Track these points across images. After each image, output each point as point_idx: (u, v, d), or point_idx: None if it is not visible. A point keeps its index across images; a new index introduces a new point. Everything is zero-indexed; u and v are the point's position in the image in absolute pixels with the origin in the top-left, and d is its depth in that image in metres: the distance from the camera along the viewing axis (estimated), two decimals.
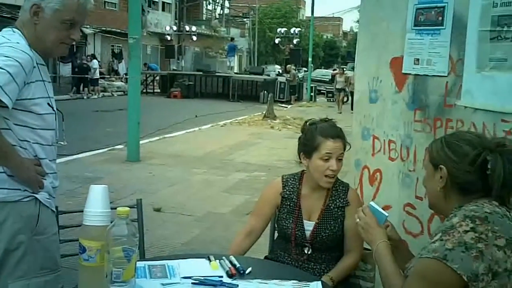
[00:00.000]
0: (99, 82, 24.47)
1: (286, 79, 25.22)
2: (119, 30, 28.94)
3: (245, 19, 50.66)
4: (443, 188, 1.77)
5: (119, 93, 24.09)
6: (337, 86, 22.13)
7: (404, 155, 3.03)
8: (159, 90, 26.69)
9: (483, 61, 2.58)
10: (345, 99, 22.36)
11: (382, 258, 1.86)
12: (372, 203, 2.07)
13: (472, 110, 2.64)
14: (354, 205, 2.50)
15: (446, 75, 2.79)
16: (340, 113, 19.02)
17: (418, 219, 2.95)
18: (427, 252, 1.62)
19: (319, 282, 2.00)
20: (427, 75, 2.89)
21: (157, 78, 27.74)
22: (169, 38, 33.79)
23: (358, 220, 2.01)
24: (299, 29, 39.06)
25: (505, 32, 2.45)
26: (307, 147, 2.46)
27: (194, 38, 35.57)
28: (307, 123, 2.56)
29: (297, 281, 1.99)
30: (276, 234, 2.69)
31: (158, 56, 36.19)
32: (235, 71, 34.49)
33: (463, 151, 1.72)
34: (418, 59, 2.94)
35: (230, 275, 2.01)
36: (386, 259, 1.84)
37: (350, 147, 2.54)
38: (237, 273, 2.03)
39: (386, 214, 2.01)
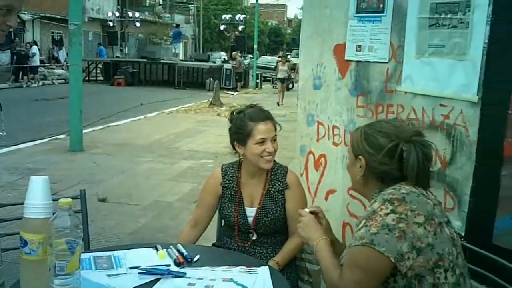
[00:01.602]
0: (39, 70, 23.65)
1: (232, 66, 25.15)
2: (59, 16, 27.98)
3: (189, 5, 50.05)
4: (363, 176, 1.87)
5: (60, 81, 23.38)
6: (279, 76, 19.52)
7: (347, 140, 3.09)
8: (102, 78, 26.06)
9: (422, 47, 2.65)
10: (290, 85, 21.86)
11: (321, 253, 1.90)
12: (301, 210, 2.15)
13: (412, 95, 2.72)
14: (294, 187, 2.54)
15: (387, 61, 2.86)
16: (282, 104, 17.84)
17: (361, 202, 3.02)
18: (355, 240, 1.69)
19: (267, 267, 2.02)
20: (369, 62, 2.95)
21: (100, 65, 27.05)
22: (111, 24, 33.01)
23: (298, 225, 2.06)
24: (244, 16, 38.99)
25: (442, 19, 2.53)
26: (240, 135, 2.46)
27: (138, 24, 34.92)
28: (234, 113, 2.56)
29: (244, 266, 2.01)
30: (223, 222, 2.70)
31: (101, 43, 35.30)
32: (181, 58, 34.09)
33: (379, 143, 1.81)
34: (360, 46, 2.99)
35: (177, 264, 2.01)
36: (325, 254, 1.88)
37: (281, 128, 2.55)
38: (185, 261, 2.03)
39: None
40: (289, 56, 22.68)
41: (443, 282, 1.63)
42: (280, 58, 21.41)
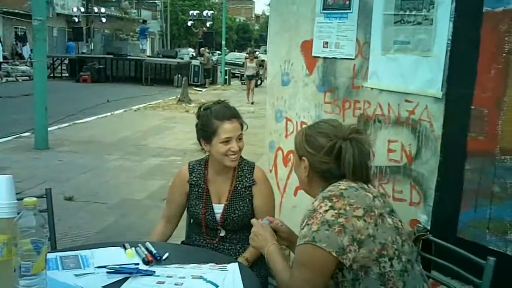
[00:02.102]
0: (2, 66, 23.10)
1: (200, 63, 25.04)
2: (22, 12, 27.38)
3: (156, 1, 49.58)
4: (307, 177, 1.92)
5: (24, 77, 22.87)
6: (247, 73, 18.48)
7: None
8: (67, 75, 25.61)
9: (387, 44, 2.69)
10: (259, 82, 21.30)
11: (272, 258, 1.94)
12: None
13: (378, 91, 2.75)
14: (261, 183, 2.54)
15: (353, 57, 2.89)
16: (252, 103, 16.85)
17: None
18: (298, 239, 1.73)
19: (236, 264, 2.02)
20: (335, 58, 2.98)
21: (65, 61, 26.57)
22: (76, 20, 32.46)
23: (250, 236, 2.09)
24: (211, 12, 38.84)
25: (407, 16, 2.57)
26: (205, 133, 2.45)
27: (104, 20, 34.45)
28: (201, 109, 2.54)
29: (214, 263, 2.00)
30: (191, 220, 2.69)
31: (66, 39, 34.66)
32: (148, 54, 33.76)
33: (319, 144, 1.86)
34: (327, 42, 3.02)
35: (146, 262, 1.99)
36: (275, 259, 1.92)
37: (247, 127, 2.55)
38: (154, 260, 2.01)
39: (266, 222, 2.13)
40: (257, 53, 22.43)
41: (390, 270, 1.67)
42: (248, 55, 20.42)
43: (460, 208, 2.34)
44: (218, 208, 2.50)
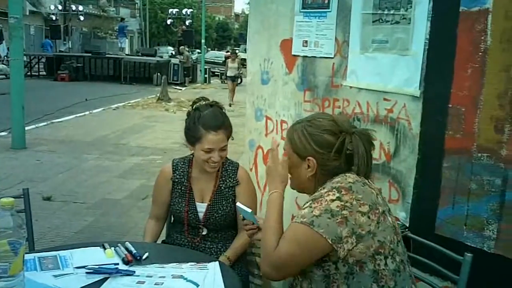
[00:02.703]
0: None
1: (180, 61, 24.93)
2: None
3: None
4: (312, 176, 1.86)
5: (1, 76, 22.54)
6: (229, 74, 17.31)
7: None
8: (45, 73, 25.29)
9: (366, 43, 2.71)
10: (239, 80, 19.63)
11: (270, 208, 1.88)
12: (238, 203, 2.11)
13: (357, 90, 2.77)
14: (244, 183, 2.54)
15: (332, 56, 2.90)
16: (232, 104, 15.62)
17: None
18: (297, 217, 1.72)
19: (217, 263, 2.02)
20: (315, 57, 2.99)
21: (43, 60, 26.23)
22: (54, 18, 32.07)
23: (268, 163, 2.01)
24: (191, 10, 38.66)
25: (385, 15, 2.59)
26: (190, 137, 2.43)
27: (82, 18, 34.09)
28: (193, 106, 2.49)
29: (195, 263, 2.00)
30: (172, 218, 2.68)
31: (43, 37, 34.22)
32: (127, 53, 33.51)
33: (327, 142, 1.82)
34: (306, 41, 3.03)
35: (126, 262, 1.98)
36: (273, 211, 1.87)
37: (233, 138, 2.52)
38: (134, 259, 2.00)
39: (250, 210, 2.04)
40: (237, 51, 21.88)
41: (383, 269, 1.68)
42: (229, 53, 19.25)
43: (438, 205, 2.37)
44: (201, 207, 2.49)
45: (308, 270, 1.73)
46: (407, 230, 2.33)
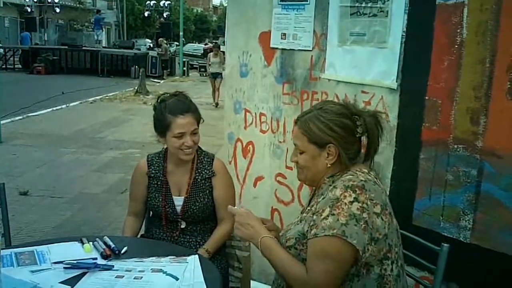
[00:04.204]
0: None
1: (158, 54, 24.70)
2: None
3: None
4: (333, 164, 1.78)
5: None
6: (212, 70, 14.46)
7: (274, 127, 3.13)
8: (20, 66, 24.87)
9: (344, 35, 2.72)
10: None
11: (272, 252, 1.77)
12: (230, 207, 1.99)
13: (335, 82, 2.79)
14: (221, 174, 2.53)
15: (310, 49, 2.91)
16: (217, 104, 13.72)
17: (289, 188, 3.08)
18: (322, 230, 1.62)
19: (196, 256, 2.02)
20: (293, 50, 3.00)
21: (18, 53, 25.78)
22: (29, 9, 31.51)
23: (234, 225, 1.89)
24: (169, 2, 38.35)
25: (363, 8, 2.60)
26: (160, 127, 2.43)
27: (58, 10, 33.53)
28: (158, 101, 2.51)
29: (174, 256, 2.00)
30: (151, 213, 2.66)
31: (18, 29, 33.63)
32: (104, 45, 33.13)
33: (346, 125, 1.76)
34: (284, 34, 3.03)
35: (105, 256, 1.97)
36: (277, 252, 1.76)
37: (203, 120, 2.52)
38: (112, 254, 1.99)
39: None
40: (219, 45, 20.79)
41: (389, 274, 1.67)
42: (209, 46, 16.66)
43: (415, 197, 2.40)
44: (178, 201, 2.49)
45: None
46: None
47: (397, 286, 1.69)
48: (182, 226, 2.49)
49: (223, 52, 13.34)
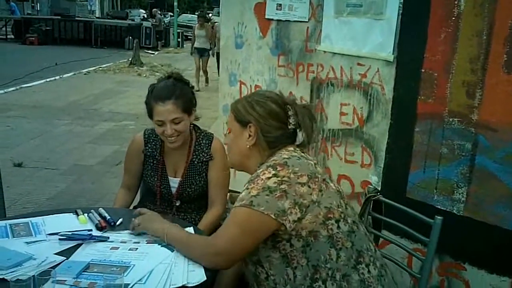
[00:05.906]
0: None
1: (152, 24, 24.44)
2: None
3: None
4: (253, 145, 1.84)
5: None
6: (196, 45, 12.26)
7: None
8: (13, 36, 24.57)
9: (340, 6, 2.69)
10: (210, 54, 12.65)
11: (175, 236, 1.82)
12: None
13: (331, 54, 2.77)
14: (218, 156, 2.47)
15: (306, 20, 2.88)
16: (199, 90, 9.42)
17: None
18: (236, 202, 1.71)
19: (191, 228, 2.03)
20: (289, 21, 2.96)
21: (10, 23, 25.43)
22: None
23: (137, 222, 1.95)
24: None
25: None
26: (148, 111, 2.37)
27: None
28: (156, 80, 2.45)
29: None
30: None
31: None
32: (97, 16, 32.69)
33: (270, 108, 1.82)
34: (280, 5, 2.99)
35: (100, 228, 1.97)
36: (179, 234, 1.83)
37: (195, 107, 2.42)
38: (107, 225, 2.00)
39: None
40: (210, 15, 20.46)
41: (337, 232, 1.69)
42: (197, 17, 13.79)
43: (409, 169, 2.41)
44: (174, 182, 2.45)
45: (265, 255, 1.71)
46: (379, 194, 2.36)
47: (352, 240, 1.72)
48: (177, 204, 2.47)
49: (213, 27, 12.47)
